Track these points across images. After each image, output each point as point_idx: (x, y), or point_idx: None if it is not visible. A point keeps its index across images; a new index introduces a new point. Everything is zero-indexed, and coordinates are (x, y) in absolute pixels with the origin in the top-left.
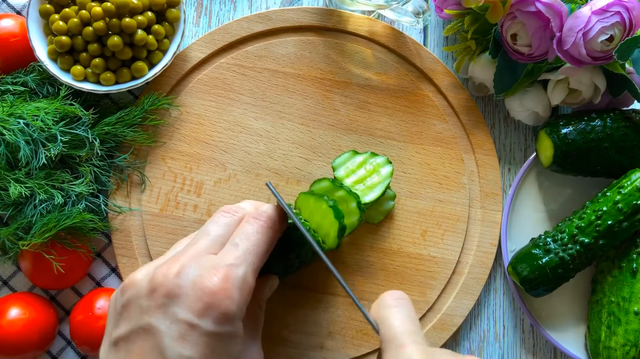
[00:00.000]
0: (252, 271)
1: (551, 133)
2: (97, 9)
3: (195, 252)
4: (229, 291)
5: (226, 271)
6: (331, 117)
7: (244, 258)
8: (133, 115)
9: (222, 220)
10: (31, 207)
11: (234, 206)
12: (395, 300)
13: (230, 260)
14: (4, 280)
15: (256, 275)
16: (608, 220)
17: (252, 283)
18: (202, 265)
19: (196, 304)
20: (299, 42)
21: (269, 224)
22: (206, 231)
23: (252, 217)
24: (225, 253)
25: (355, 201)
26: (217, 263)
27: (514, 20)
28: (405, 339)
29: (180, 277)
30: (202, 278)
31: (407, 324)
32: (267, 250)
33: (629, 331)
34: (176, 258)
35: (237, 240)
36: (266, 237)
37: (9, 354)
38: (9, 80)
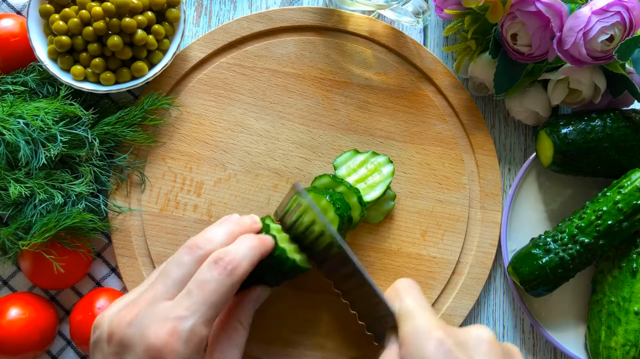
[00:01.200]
0: (202, 321)
1: (551, 133)
2: (97, 9)
3: (151, 298)
4: (174, 346)
5: (173, 325)
6: (331, 117)
7: (195, 309)
8: (133, 115)
9: (183, 259)
10: (31, 207)
11: (203, 238)
12: (407, 284)
13: (179, 311)
14: (4, 280)
15: (211, 323)
16: (608, 220)
17: (202, 333)
18: (153, 314)
19: (143, 356)
20: (299, 41)
21: (232, 273)
22: (165, 273)
23: (214, 262)
24: (177, 303)
25: (356, 197)
26: (167, 314)
27: (514, 20)
28: (418, 311)
29: (132, 327)
30: (149, 330)
31: (418, 300)
32: (225, 298)
33: (629, 331)
34: (133, 304)
35: (192, 287)
36: (224, 287)
37: (9, 354)
38: (9, 80)
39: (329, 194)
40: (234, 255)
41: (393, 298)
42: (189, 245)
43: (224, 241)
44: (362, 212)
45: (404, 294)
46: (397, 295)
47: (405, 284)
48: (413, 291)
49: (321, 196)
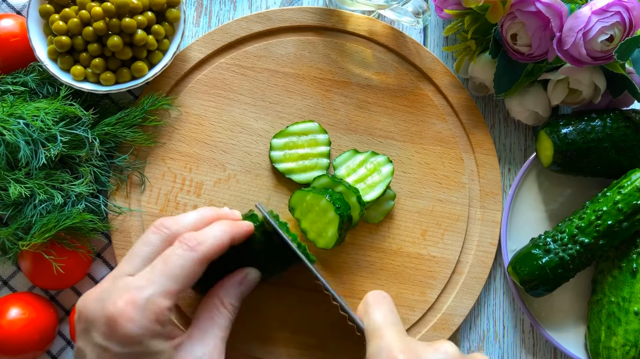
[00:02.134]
0: (162, 291)
1: (551, 133)
2: (97, 9)
3: (115, 274)
4: (130, 314)
5: (131, 295)
6: (331, 116)
7: (155, 280)
8: (133, 116)
9: (150, 238)
10: (31, 207)
11: (171, 219)
12: (377, 298)
13: (139, 282)
14: (4, 280)
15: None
16: (608, 220)
17: (162, 303)
18: (114, 288)
19: (104, 328)
20: (298, 42)
21: (196, 248)
22: (132, 251)
23: (179, 241)
24: (139, 276)
25: (355, 196)
26: (127, 286)
27: (514, 20)
28: (385, 329)
29: (95, 302)
30: (108, 302)
31: (388, 317)
32: (189, 272)
33: (629, 331)
34: (101, 282)
35: (156, 262)
36: (188, 261)
37: (9, 354)
38: (9, 80)
39: (328, 194)
40: (201, 236)
41: (363, 312)
42: (157, 225)
43: (193, 223)
44: (362, 212)
45: (372, 309)
46: (367, 309)
47: (375, 298)
48: (382, 306)
49: (321, 196)
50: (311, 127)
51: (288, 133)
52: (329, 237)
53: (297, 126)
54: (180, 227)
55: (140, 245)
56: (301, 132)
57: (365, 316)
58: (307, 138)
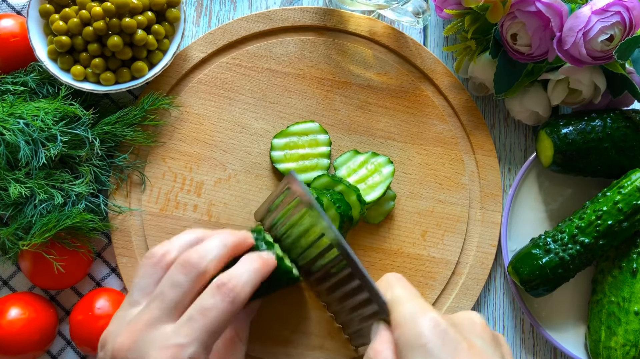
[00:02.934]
0: (203, 349)
1: (551, 133)
2: (97, 9)
3: (148, 321)
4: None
5: (173, 353)
6: (331, 117)
7: (196, 337)
8: (133, 115)
9: (178, 279)
10: (31, 207)
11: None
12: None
13: (179, 338)
14: (4, 280)
15: (210, 349)
16: (608, 220)
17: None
18: (152, 340)
19: None
20: (299, 42)
21: (235, 299)
22: (161, 294)
23: (217, 288)
24: (177, 329)
25: (355, 195)
26: (167, 341)
27: (514, 20)
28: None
29: (132, 352)
30: (149, 357)
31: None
32: (226, 325)
33: (629, 331)
34: (132, 326)
35: (193, 313)
36: (227, 314)
37: (9, 354)
38: (9, 80)
39: (329, 193)
40: (237, 281)
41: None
42: (182, 263)
43: (218, 255)
44: (362, 210)
45: (395, 284)
46: (389, 285)
47: (395, 276)
48: (403, 281)
49: (321, 196)
50: (312, 127)
51: (289, 133)
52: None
53: (297, 126)
54: (207, 263)
55: (170, 288)
56: (302, 132)
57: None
58: (307, 139)
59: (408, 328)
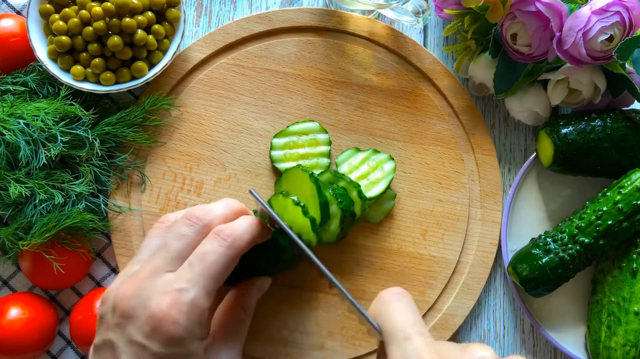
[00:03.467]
0: (204, 293)
1: (551, 133)
2: (97, 9)
3: (152, 270)
4: (175, 317)
5: (174, 296)
6: (331, 117)
7: (196, 281)
8: (133, 116)
9: (182, 231)
10: (31, 207)
11: (202, 210)
12: (394, 295)
13: (181, 283)
14: (4, 280)
15: (212, 294)
16: (608, 220)
17: (203, 305)
18: (154, 286)
19: (145, 327)
20: (299, 42)
21: (232, 244)
22: (165, 245)
23: (215, 234)
24: (179, 275)
25: (356, 191)
26: (168, 286)
27: (514, 20)
28: (409, 331)
29: (134, 299)
30: (151, 301)
31: (409, 316)
32: (225, 270)
33: (629, 331)
34: (135, 276)
35: (193, 259)
36: (225, 258)
37: (9, 354)
38: (9, 80)
39: (331, 188)
40: (235, 228)
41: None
42: (188, 216)
43: (223, 214)
44: (363, 206)
45: (390, 310)
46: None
47: (392, 296)
48: (400, 305)
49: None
50: (311, 127)
51: (288, 132)
52: (331, 231)
53: (297, 126)
54: (212, 218)
55: (174, 239)
56: (302, 131)
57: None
58: (307, 138)
59: None
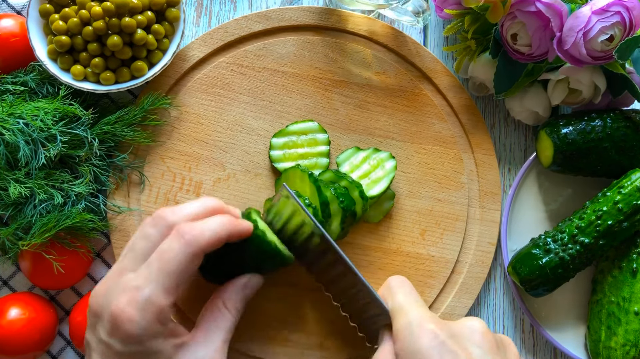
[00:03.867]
0: (161, 290)
1: (551, 133)
2: (96, 9)
3: (118, 271)
4: (130, 314)
5: (131, 295)
6: (330, 116)
7: (152, 279)
8: (132, 115)
9: (148, 232)
10: (31, 207)
11: (169, 210)
12: (399, 281)
13: (138, 281)
14: (4, 280)
15: (171, 292)
16: (608, 220)
17: (161, 302)
18: (117, 286)
19: (107, 325)
20: (298, 41)
21: (190, 242)
22: (132, 246)
23: (175, 232)
24: (137, 274)
25: (357, 191)
26: (127, 285)
27: (514, 20)
28: (412, 305)
29: (102, 298)
30: (112, 301)
31: (412, 297)
32: (184, 267)
33: (629, 331)
34: (107, 277)
35: (152, 258)
36: (182, 256)
37: (9, 354)
38: (9, 80)
39: (333, 187)
40: (195, 226)
41: (386, 295)
42: (154, 216)
43: (193, 213)
44: (364, 206)
45: (397, 290)
46: (390, 292)
47: (398, 281)
48: (405, 287)
49: (325, 189)
50: (311, 127)
51: (287, 132)
52: (332, 230)
53: (296, 125)
54: (178, 218)
55: (139, 239)
56: (301, 131)
57: (390, 297)
58: (306, 138)
59: (407, 341)
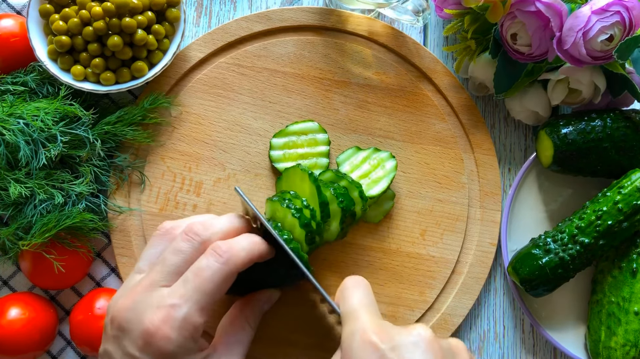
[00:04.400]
0: (197, 309)
1: (551, 133)
2: (97, 9)
3: (148, 285)
4: (167, 333)
5: (167, 312)
6: (330, 116)
7: (189, 297)
8: (133, 115)
9: (180, 246)
10: (31, 207)
11: (201, 225)
12: (354, 282)
13: (174, 299)
14: (4, 280)
15: (206, 310)
16: (608, 220)
17: (196, 321)
18: (149, 301)
19: (139, 341)
20: (298, 41)
21: (228, 261)
22: (163, 259)
23: (212, 250)
24: (173, 290)
25: (357, 191)
26: (162, 301)
27: (513, 20)
28: (360, 311)
29: (129, 312)
30: (144, 316)
31: (363, 300)
32: (220, 287)
33: (629, 331)
34: (133, 289)
35: (188, 275)
36: (220, 275)
37: (9, 354)
38: (9, 80)
39: (332, 187)
40: (232, 244)
41: (339, 297)
42: (187, 231)
43: (223, 231)
44: (364, 206)
45: (349, 293)
46: (343, 294)
47: (352, 282)
48: (359, 289)
49: (325, 189)
50: (311, 127)
51: (288, 132)
52: (332, 230)
53: (296, 125)
54: (211, 234)
55: (171, 254)
56: (301, 131)
57: (342, 300)
58: (306, 138)
59: (350, 352)
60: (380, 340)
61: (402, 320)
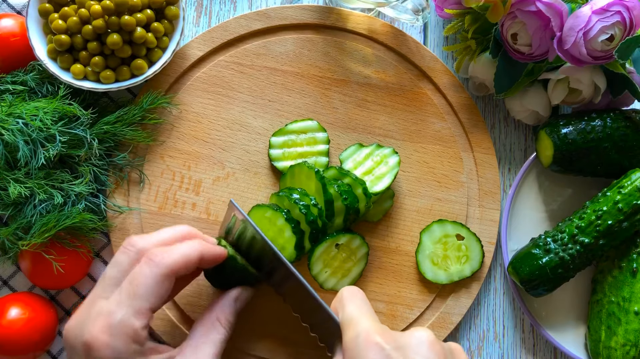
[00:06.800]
0: (133, 313)
1: (551, 133)
2: (96, 7)
3: (90, 300)
4: (104, 340)
5: (103, 320)
6: (330, 115)
7: (123, 303)
8: (132, 114)
9: (117, 259)
10: (31, 207)
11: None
12: (350, 293)
13: (111, 306)
14: (4, 280)
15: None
16: (608, 220)
17: (134, 324)
18: (89, 315)
19: (82, 353)
20: (298, 40)
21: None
22: (103, 274)
23: (145, 257)
24: (110, 300)
25: (361, 188)
26: (100, 311)
27: (514, 20)
28: (361, 318)
29: (74, 330)
30: (84, 330)
31: (362, 308)
32: (155, 289)
33: (629, 331)
34: (78, 309)
35: (123, 284)
36: (152, 279)
37: (9, 354)
38: (9, 80)
39: (336, 184)
40: (164, 251)
41: (337, 307)
42: (125, 244)
43: (161, 240)
44: (368, 203)
45: (347, 302)
46: (340, 303)
47: (349, 292)
48: (356, 299)
49: (329, 187)
50: (310, 125)
51: (287, 131)
52: (335, 227)
53: (296, 124)
54: (147, 243)
55: (110, 267)
56: (300, 130)
57: (340, 309)
58: (306, 137)
59: (353, 354)
60: (385, 341)
61: (401, 318)
